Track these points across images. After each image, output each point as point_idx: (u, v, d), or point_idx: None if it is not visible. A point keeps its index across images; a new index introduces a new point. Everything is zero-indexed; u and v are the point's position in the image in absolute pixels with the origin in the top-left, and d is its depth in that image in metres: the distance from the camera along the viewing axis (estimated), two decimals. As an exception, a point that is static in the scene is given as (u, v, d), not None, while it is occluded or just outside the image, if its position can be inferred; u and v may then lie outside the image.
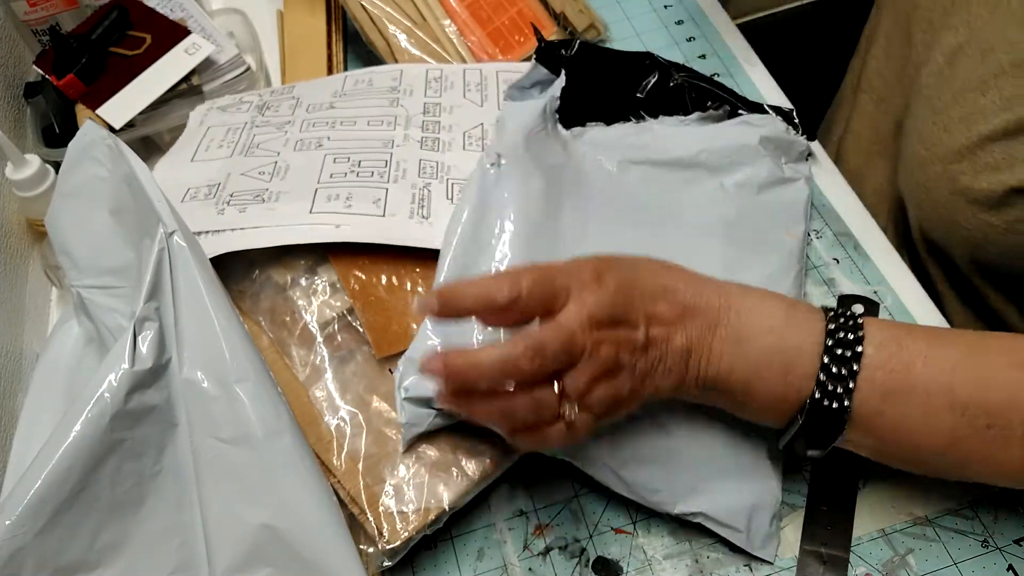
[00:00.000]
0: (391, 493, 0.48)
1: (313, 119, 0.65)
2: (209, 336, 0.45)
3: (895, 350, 0.42)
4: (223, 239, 0.54)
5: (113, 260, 0.51)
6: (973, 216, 0.53)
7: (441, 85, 0.67)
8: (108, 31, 0.71)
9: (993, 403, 0.41)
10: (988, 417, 0.41)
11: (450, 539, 0.51)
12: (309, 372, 0.52)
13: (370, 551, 0.47)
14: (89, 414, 0.42)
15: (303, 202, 0.56)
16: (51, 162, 0.64)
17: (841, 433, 0.43)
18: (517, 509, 0.52)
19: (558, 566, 0.50)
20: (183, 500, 0.45)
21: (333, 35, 0.79)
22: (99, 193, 0.52)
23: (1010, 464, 0.42)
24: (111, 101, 0.68)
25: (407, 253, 0.55)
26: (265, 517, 0.43)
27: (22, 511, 0.40)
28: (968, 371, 0.42)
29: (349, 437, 0.50)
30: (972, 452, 0.42)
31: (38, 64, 0.72)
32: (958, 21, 0.57)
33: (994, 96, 0.52)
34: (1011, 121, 0.51)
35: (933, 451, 0.43)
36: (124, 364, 0.43)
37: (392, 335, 0.52)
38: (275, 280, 0.55)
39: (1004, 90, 0.52)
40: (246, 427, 0.44)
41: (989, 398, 0.41)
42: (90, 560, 0.43)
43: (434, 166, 0.60)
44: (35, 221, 0.65)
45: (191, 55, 0.70)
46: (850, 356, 0.42)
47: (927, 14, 0.62)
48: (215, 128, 0.66)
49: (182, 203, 0.59)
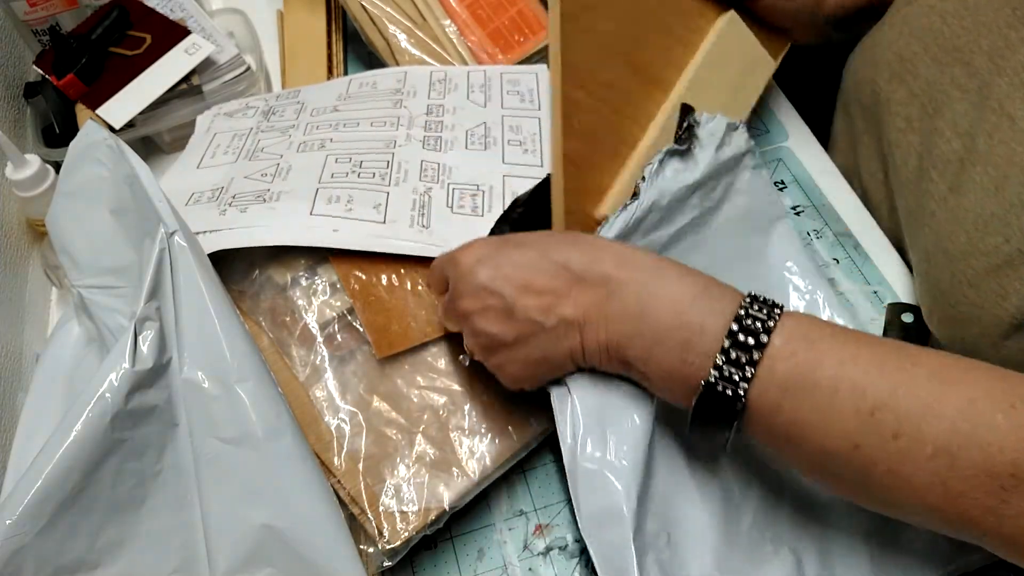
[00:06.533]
0: (391, 493, 0.48)
1: (317, 122, 0.65)
2: (210, 336, 0.45)
3: (805, 345, 0.40)
4: (222, 237, 0.54)
5: (114, 260, 0.51)
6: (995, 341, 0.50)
7: (445, 87, 0.67)
8: (108, 31, 0.71)
9: (905, 410, 0.37)
10: (897, 424, 0.37)
11: (450, 539, 0.51)
12: (309, 372, 0.52)
13: (370, 551, 0.47)
14: (90, 414, 0.42)
15: (304, 203, 0.56)
16: (51, 162, 0.64)
17: (733, 423, 0.41)
18: (517, 509, 0.52)
19: (558, 566, 0.50)
20: (184, 500, 0.45)
21: (333, 35, 0.79)
22: (100, 193, 0.52)
23: (917, 482, 0.37)
24: (111, 101, 0.68)
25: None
26: (265, 517, 0.43)
27: (23, 511, 0.40)
28: (887, 376, 0.38)
29: (349, 437, 0.50)
30: (877, 462, 0.38)
31: (38, 64, 0.72)
32: (944, 125, 0.53)
33: (1017, 235, 0.48)
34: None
35: (834, 455, 0.39)
36: (125, 364, 0.43)
37: (392, 335, 0.52)
38: (275, 280, 0.55)
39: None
40: (246, 427, 0.44)
41: (901, 405, 0.37)
42: (91, 560, 0.43)
43: (436, 168, 0.60)
44: (35, 221, 0.66)
45: (191, 55, 0.70)
46: (753, 344, 0.40)
47: (902, 110, 0.57)
48: (221, 134, 0.67)
49: (186, 206, 0.59)
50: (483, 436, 0.50)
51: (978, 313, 0.49)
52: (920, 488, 0.37)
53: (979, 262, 0.49)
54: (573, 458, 0.45)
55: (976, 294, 0.49)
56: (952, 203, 0.52)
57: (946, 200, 0.52)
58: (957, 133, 0.53)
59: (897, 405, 0.38)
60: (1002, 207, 0.48)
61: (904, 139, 0.57)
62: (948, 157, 0.53)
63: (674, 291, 0.43)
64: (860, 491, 0.41)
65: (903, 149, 0.57)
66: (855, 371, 0.39)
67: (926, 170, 0.54)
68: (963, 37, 0.54)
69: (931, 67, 0.56)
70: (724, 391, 0.40)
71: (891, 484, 0.38)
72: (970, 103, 0.52)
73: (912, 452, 0.37)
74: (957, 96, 0.53)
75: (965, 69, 0.53)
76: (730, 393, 0.40)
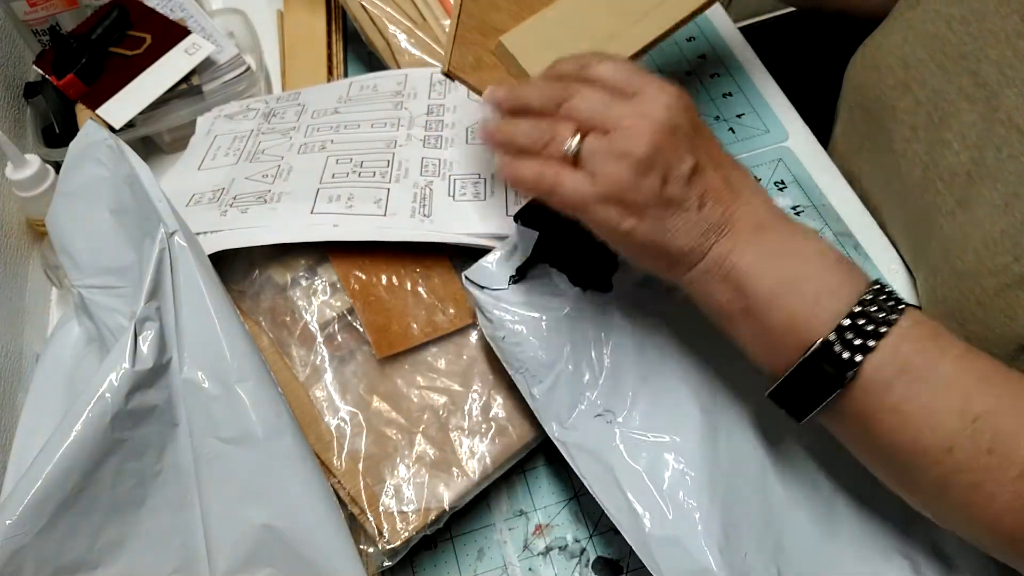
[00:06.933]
0: (391, 493, 0.48)
1: (318, 124, 0.65)
2: (210, 336, 0.45)
3: (931, 334, 0.39)
4: (222, 237, 0.54)
5: (114, 260, 0.51)
6: None
7: (445, 87, 0.67)
8: (108, 31, 0.71)
9: (1004, 429, 0.37)
10: (993, 440, 0.37)
11: (450, 539, 0.51)
12: (309, 372, 0.52)
13: (370, 551, 0.47)
14: (90, 414, 0.42)
15: (305, 202, 0.56)
16: (51, 162, 0.64)
17: (832, 394, 0.39)
18: (517, 509, 0.52)
19: (558, 566, 0.50)
20: (184, 500, 0.45)
21: (333, 35, 0.79)
22: (100, 193, 0.52)
23: (998, 503, 0.37)
24: (111, 101, 0.68)
25: (407, 253, 0.55)
26: (265, 517, 0.43)
27: (23, 511, 0.40)
28: (993, 388, 0.38)
29: (349, 437, 0.50)
30: (964, 470, 0.37)
31: (38, 64, 0.72)
32: (951, 136, 0.52)
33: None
34: None
35: (924, 454, 0.38)
36: (125, 364, 0.43)
37: (392, 335, 0.52)
38: (275, 280, 0.55)
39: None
40: (246, 427, 0.44)
41: (1001, 422, 0.37)
42: (91, 560, 0.43)
43: (436, 163, 0.60)
44: (35, 221, 0.66)
45: (191, 55, 0.70)
46: (882, 317, 0.38)
47: (908, 118, 0.56)
48: (222, 136, 0.67)
49: (187, 207, 0.59)
50: (483, 436, 0.50)
51: (986, 332, 0.49)
52: (999, 509, 0.37)
53: (988, 281, 0.48)
54: (639, 531, 0.44)
55: (984, 313, 0.49)
56: (960, 218, 0.51)
57: (954, 214, 0.51)
58: (965, 145, 0.51)
59: (997, 420, 0.37)
60: (1012, 225, 0.47)
61: (909, 148, 0.56)
62: (955, 170, 0.52)
63: (821, 247, 0.41)
64: (933, 497, 0.40)
65: (908, 158, 0.56)
66: (969, 375, 0.38)
67: (932, 181, 0.53)
68: (970, 45, 0.52)
69: (937, 75, 0.54)
70: (840, 354, 0.38)
71: (970, 499, 0.38)
72: (978, 114, 0.51)
73: (1000, 469, 0.37)
74: (965, 107, 0.52)
75: (972, 79, 0.52)
76: (845, 357, 0.38)
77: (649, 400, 0.49)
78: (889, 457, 0.40)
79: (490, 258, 0.51)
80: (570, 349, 0.49)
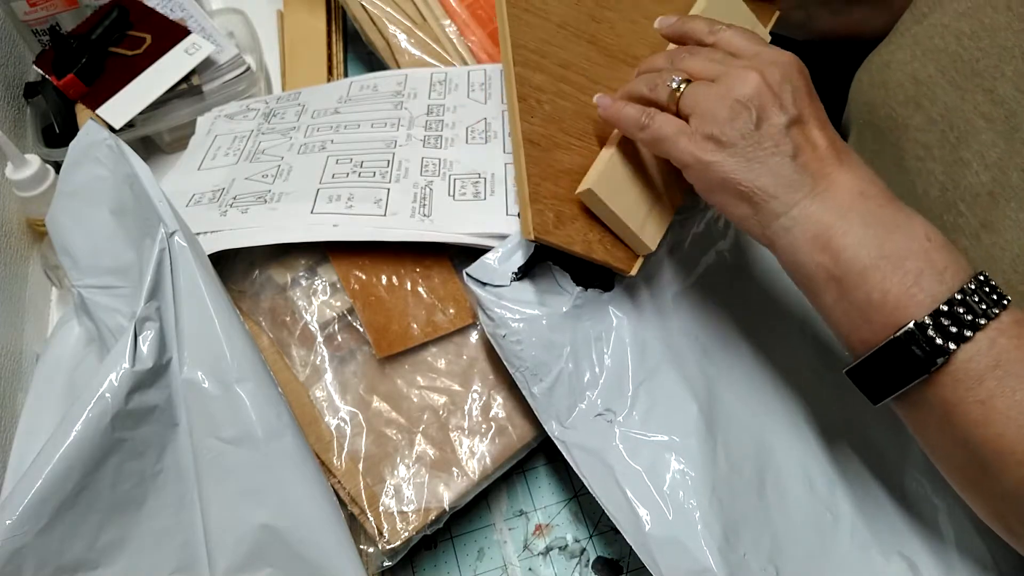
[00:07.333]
0: (391, 493, 0.48)
1: (318, 124, 0.65)
2: (210, 336, 0.45)
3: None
4: (222, 237, 0.54)
5: (114, 260, 0.51)
6: None
7: (445, 88, 0.67)
8: (108, 31, 0.71)
9: None
10: None
11: (450, 539, 0.51)
12: (309, 372, 0.52)
13: (370, 551, 0.47)
14: (90, 414, 0.42)
15: (305, 202, 0.56)
16: (51, 162, 0.64)
17: (919, 378, 0.38)
18: (517, 509, 0.52)
19: (558, 566, 0.50)
20: (184, 500, 0.45)
21: (333, 35, 0.79)
22: (100, 193, 0.52)
23: None
24: (111, 101, 0.68)
25: (407, 253, 0.55)
26: (265, 517, 0.43)
27: (23, 511, 0.40)
28: None
29: (349, 437, 0.50)
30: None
31: (38, 64, 0.72)
32: (971, 156, 0.51)
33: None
34: None
35: (1006, 454, 0.37)
36: (125, 364, 0.43)
37: (392, 335, 0.52)
38: (275, 280, 0.55)
39: None
40: (246, 427, 0.44)
41: None
42: (91, 560, 0.43)
43: (436, 163, 0.60)
44: (35, 221, 0.66)
45: (191, 55, 0.70)
46: (984, 309, 0.37)
47: (921, 136, 0.55)
48: (222, 136, 0.67)
49: (187, 207, 0.59)
50: (483, 436, 0.50)
51: None
52: None
53: (1019, 304, 0.47)
54: (639, 533, 0.45)
55: None
56: (986, 240, 0.49)
57: (979, 237, 0.50)
58: (986, 165, 0.50)
59: None
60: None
61: (924, 167, 0.55)
62: (977, 190, 0.50)
63: (929, 228, 0.40)
64: (1003, 501, 0.38)
65: (924, 178, 0.55)
66: None
67: (953, 203, 0.52)
68: (983, 61, 0.51)
69: (950, 92, 0.53)
70: (933, 339, 0.37)
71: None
72: (997, 133, 0.50)
73: None
74: (982, 125, 0.50)
75: (988, 96, 0.50)
76: (939, 343, 0.37)
77: (649, 400, 0.49)
78: (968, 454, 0.38)
79: (492, 255, 0.51)
80: (571, 348, 0.49)
